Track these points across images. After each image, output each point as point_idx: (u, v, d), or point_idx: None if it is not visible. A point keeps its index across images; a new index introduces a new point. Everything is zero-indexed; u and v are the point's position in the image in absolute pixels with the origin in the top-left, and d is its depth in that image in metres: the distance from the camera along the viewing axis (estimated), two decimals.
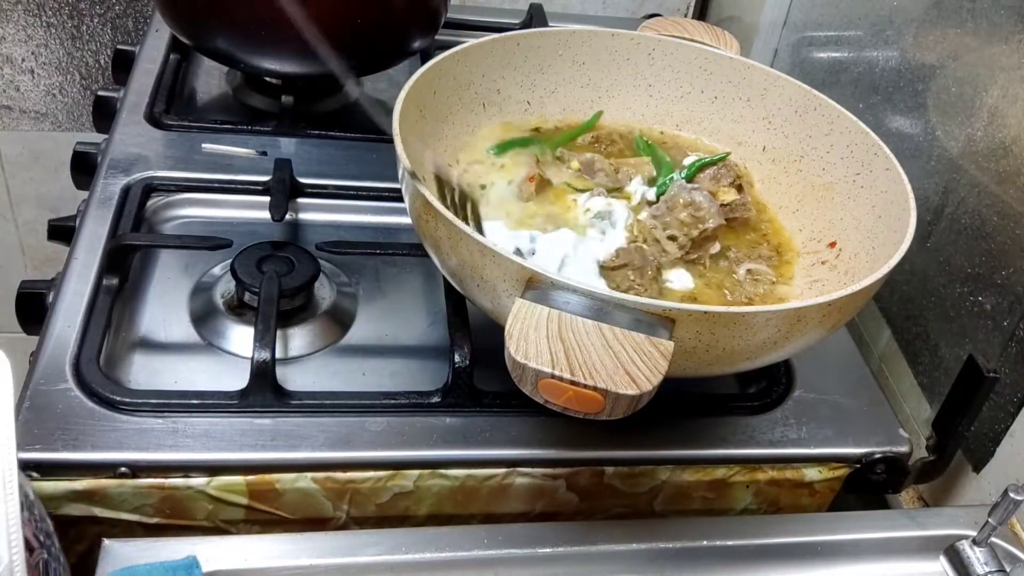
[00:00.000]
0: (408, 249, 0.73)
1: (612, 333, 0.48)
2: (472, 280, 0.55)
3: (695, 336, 0.50)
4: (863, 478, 0.67)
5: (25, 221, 1.35)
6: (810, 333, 0.54)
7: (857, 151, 0.69)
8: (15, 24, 1.20)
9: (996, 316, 0.68)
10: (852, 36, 0.90)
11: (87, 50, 1.24)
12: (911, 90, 0.80)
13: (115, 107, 0.90)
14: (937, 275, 0.75)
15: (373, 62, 0.89)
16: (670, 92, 0.78)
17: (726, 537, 0.59)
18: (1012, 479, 0.64)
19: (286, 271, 0.69)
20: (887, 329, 0.81)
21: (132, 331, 0.68)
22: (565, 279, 0.50)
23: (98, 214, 0.74)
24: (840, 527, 0.61)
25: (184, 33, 0.86)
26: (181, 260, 0.74)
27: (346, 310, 0.72)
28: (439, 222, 0.54)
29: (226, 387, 0.62)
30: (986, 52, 0.71)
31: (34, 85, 1.26)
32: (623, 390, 0.46)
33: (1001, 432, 0.67)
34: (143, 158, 0.81)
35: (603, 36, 0.76)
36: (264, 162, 0.82)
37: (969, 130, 0.72)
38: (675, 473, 0.64)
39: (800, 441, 0.66)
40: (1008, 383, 0.66)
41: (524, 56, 0.75)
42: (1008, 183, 0.68)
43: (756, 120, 0.75)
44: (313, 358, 0.68)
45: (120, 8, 1.22)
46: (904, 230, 0.59)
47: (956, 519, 0.62)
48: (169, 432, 0.59)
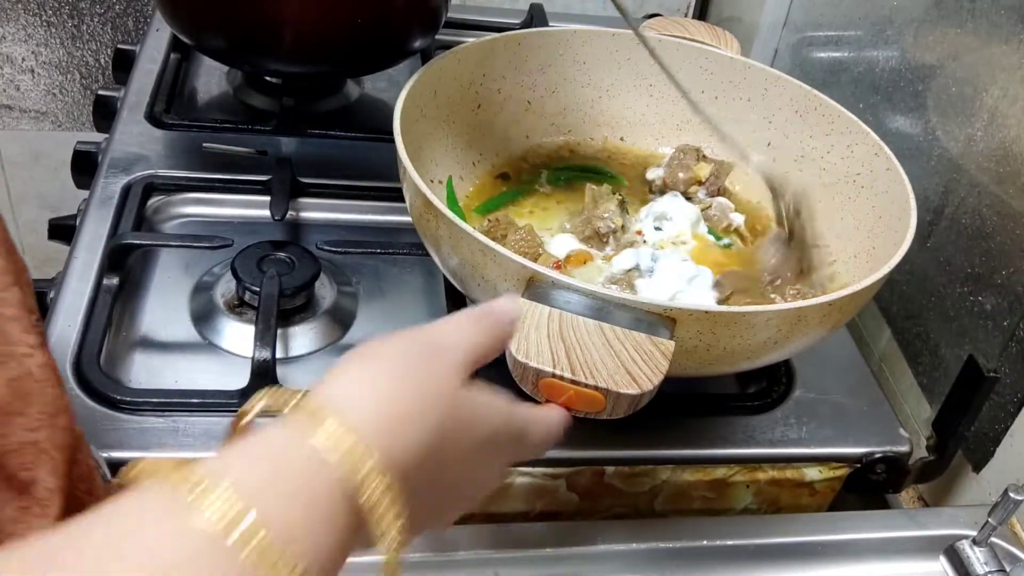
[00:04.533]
0: (409, 248, 0.73)
1: (613, 332, 0.48)
2: (473, 279, 0.55)
3: (696, 336, 0.50)
4: (863, 478, 0.67)
5: (25, 221, 1.35)
6: (811, 333, 0.54)
7: (858, 151, 0.69)
8: (15, 23, 1.20)
9: (996, 316, 0.68)
10: (852, 36, 0.90)
11: (87, 49, 1.24)
12: (911, 90, 0.80)
13: (115, 106, 0.90)
14: (937, 275, 0.75)
15: (373, 62, 0.89)
16: (671, 92, 0.78)
17: (726, 537, 0.59)
18: (1012, 479, 0.64)
19: (287, 270, 0.68)
20: (887, 329, 0.81)
21: (133, 330, 0.68)
22: (566, 278, 0.50)
23: (98, 213, 0.74)
24: (840, 527, 0.61)
25: (185, 32, 0.86)
26: (182, 259, 0.74)
27: (347, 309, 0.72)
28: (440, 221, 0.54)
29: (227, 386, 0.62)
30: (986, 52, 0.71)
31: (34, 84, 1.26)
32: (624, 389, 0.46)
33: (1001, 432, 0.67)
34: (143, 157, 0.81)
35: (604, 36, 0.76)
36: (265, 161, 0.82)
37: (969, 130, 0.72)
38: (675, 473, 0.64)
39: (800, 441, 0.66)
40: (1008, 383, 0.66)
41: (525, 56, 0.75)
42: (1008, 183, 0.68)
43: (756, 120, 0.75)
44: (314, 357, 0.68)
45: (120, 7, 1.22)
46: (904, 230, 0.59)
47: (956, 519, 0.62)
48: (170, 431, 0.59)
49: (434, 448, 0.37)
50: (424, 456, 0.36)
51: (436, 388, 0.38)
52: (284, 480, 0.31)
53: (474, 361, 0.41)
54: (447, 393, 0.38)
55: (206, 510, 0.28)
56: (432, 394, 0.37)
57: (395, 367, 0.37)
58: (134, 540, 0.28)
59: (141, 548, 0.27)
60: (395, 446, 0.34)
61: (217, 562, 0.28)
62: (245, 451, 0.32)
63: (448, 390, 0.38)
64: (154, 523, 0.28)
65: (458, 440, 0.39)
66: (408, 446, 0.35)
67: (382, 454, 0.33)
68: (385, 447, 0.33)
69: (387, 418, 0.34)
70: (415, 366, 0.38)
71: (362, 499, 0.32)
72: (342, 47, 0.85)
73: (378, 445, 0.33)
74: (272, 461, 0.31)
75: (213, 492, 0.29)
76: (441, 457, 0.37)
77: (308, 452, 0.32)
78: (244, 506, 0.28)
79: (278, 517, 0.29)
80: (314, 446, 0.32)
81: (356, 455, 0.32)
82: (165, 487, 0.29)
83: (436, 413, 0.37)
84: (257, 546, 0.28)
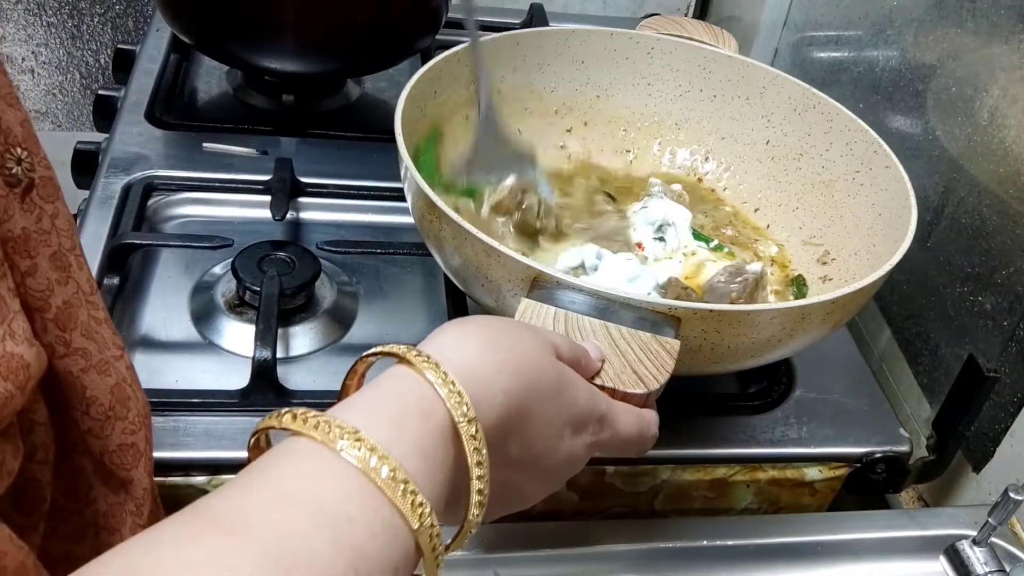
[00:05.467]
0: (409, 248, 0.73)
1: (618, 332, 0.48)
2: (476, 280, 0.55)
3: (700, 334, 0.50)
4: (863, 478, 0.67)
5: None
6: (813, 331, 0.54)
7: (857, 149, 0.69)
8: (15, 24, 1.20)
9: (996, 316, 0.68)
10: (852, 36, 0.90)
11: (87, 50, 1.24)
12: (911, 90, 0.80)
13: (115, 106, 0.90)
14: (937, 275, 0.75)
15: (373, 62, 0.89)
16: (669, 91, 0.78)
17: (726, 537, 0.59)
18: (1012, 479, 0.64)
19: (287, 270, 0.68)
20: (887, 329, 0.81)
21: (133, 330, 0.68)
22: (570, 278, 0.50)
23: (99, 213, 0.74)
24: (840, 527, 0.61)
25: (185, 32, 0.86)
26: (182, 259, 0.74)
27: (347, 309, 0.72)
28: (443, 222, 0.54)
29: (227, 386, 0.62)
30: (986, 52, 0.71)
31: (34, 84, 1.26)
32: (630, 389, 0.46)
33: (1001, 432, 0.67)
34: (144, 157, 0.81)
35: (602, 35, 0.76)
36: (265, 161, 0.82)
37: (969, 130, 0.72)
38: (675, 472, 0.64)
39: (801, 440, 0.66)
40: (1008, 383, 0.66)
41: (524, 55, 0.75)
42: (1008, 183, 0.68)
43: (755, 118, 0.75)
44: (314, 357, 0.68)
45: (120, 7, 1.22)
46: (905, 227, 0.59)
47: (956, 519, 0.62)
48: (170, 431, 0.59)
49: (517, 409, 0.39)
50: (508, 415, 0.39)
51: (520, 353, 0.40)
52: (406, 423, 0.35)
53: (556, 355, 0.43)
54: (531, 360, 0.41)
55: (352, 455, 0.32)
56: (515, 358, 0.40)
57: (484, 332, 0.40)
58: (298, 485, 0.31)
59: (304, 488, 0.31)
60: (480, 400, 0.37)
61: (368, 495, 0.31)
62: (370, 401, 0.36)
63: (532, 359, 0.41)
64: (311, 468, 0.32)
65: (544, 409, 0.41)
66: (492, 404, 0.38)
67: (471, 408, 0.36)
68: (471, 400, 0.36)
69: (472, 374, 0.37)
70: (503, 334, 0.41)
71: (460, 441, 0.36)
72: (342, 47, 0.85)
73: (469, 398, 0.37)
74: (394, 407, 0.35)
75: (355, 439, 0.32)
76: (526, 422, 0.40)
77: (420, 398, 0.36)
78: (384, 449, 0.32)
79: (405, 457, 0.33)
80: (422, 394, 0.36)
81: (451, 402, 0.36)
82: (311, 440, 0.32)
83: (520, 376, 0.39)
84: (399, 482, 0.32)
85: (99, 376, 0.38)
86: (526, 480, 0.43)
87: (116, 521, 0.40)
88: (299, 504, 0.30)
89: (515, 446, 0.40)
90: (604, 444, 0.46)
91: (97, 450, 0.39)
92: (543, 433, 0.42)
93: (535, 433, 0.41)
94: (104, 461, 0.39)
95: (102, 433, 0.38)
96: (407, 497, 0.32)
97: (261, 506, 0.30)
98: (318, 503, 0.31)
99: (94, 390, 0.38)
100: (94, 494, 0.39)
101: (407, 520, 0.32)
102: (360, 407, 0.35)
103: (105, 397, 0.38)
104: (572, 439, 0.44)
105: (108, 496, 0.39)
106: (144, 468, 0.41)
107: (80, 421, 0.38)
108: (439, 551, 0.33)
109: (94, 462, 0.39)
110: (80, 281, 0.38)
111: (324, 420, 0.33)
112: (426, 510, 0.32)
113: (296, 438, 0.33)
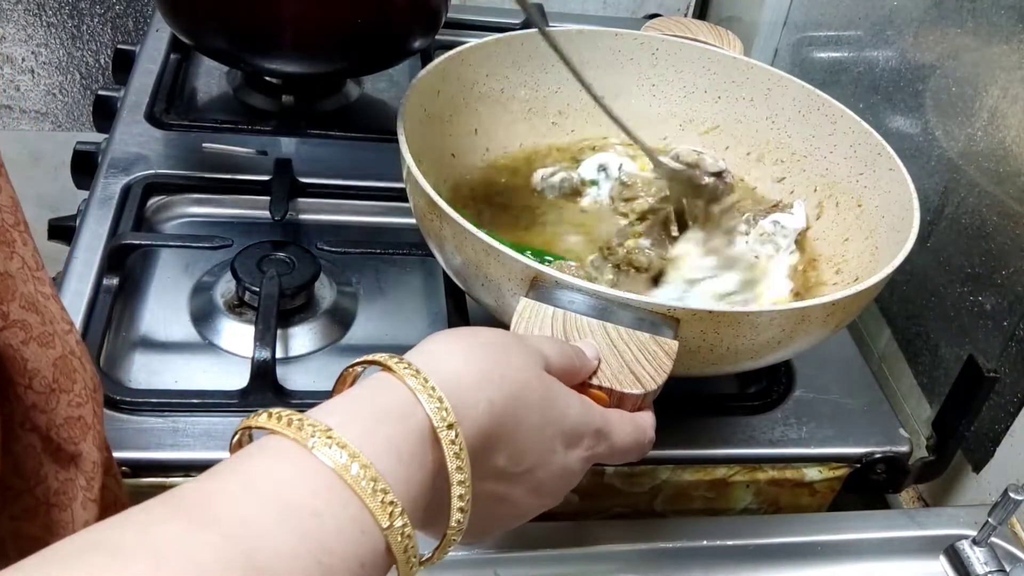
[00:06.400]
0: (409, 249, 0.73)
1: (617, 332, 0.48)
2: (476, 279, 0.55)
3: (699, 335, 0.50)
4: (863, 478, 0.67)
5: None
6: (813, 332, 0.54)
7: (860, 151, 0.69)
8: (15, 24, 1.20)
9: (996, 316, 0.68)
10: (852, 36, 0.90)
11: (87, 50, 1.24)
12: (911, 90, 0.80)
13: (115, 107, 0.89)
14: (937, 275, 0.75)
15: (373, 62, 0.89)
16: (673, 92, 0.78)
17: (726, 537, 0.59)
18: (1012, 479, 0.64)
19: (286, 271, 0.68)
20: (887, 329, 0.81)
21: (132, 330, 0.68)
22: (569, 278, 0.50)
23: (98, 213, 0.74)
24: (840, 527, 0.61)
25: (185, 33, 0.86)
26: (181, 259, 0.74)
27: (346, 309, 0.72)
28: (444, 221, 0.54)
29: (226, 386, 0.62)
30: (986, 52, 0.71)
31: (34, 85, 1.26)
32: (628, 389, 0.46)
33: (1001, 432, 0.67)
34: (143, 157, 0.81)
35: (607, 36, 0.76)
36: (264, 161, 0.82)
37: (969, 130, 0.72)
38: (675, 473, 0.64)
39: (800, 441, 0.66)
40: (1008, 383, 0.66)
41: (528, 56, 0.75)
42: (1008, 183, 0.68)
43: (759, 120, 0.75)
44: (313, 357, 0.68)
45: (120, 8, 1.22)
46: (907, 230, 0.59)
47: (956, 519, 0.62)
48: (169, 431, 0.59)
49: (501, 419, 0.39)
50: (492, 424, 0.39)
51: (505, 365, 0.40)
52: (380, 425, 0.35)
53: (545, 368, 0.43)
54: (516, 372, 0.41)
55: (323, 452, 0.32)
56: (500, 369, 0.40)
57: (470, 343, 0.41)
58: (266, 479, 0.32)
59: (272, 482, 0.32)
60: (462, 408, 0.37)
61: (337, 491, 0.32)
62: (348, 403, 0.36)
63: (517, 371, 0.41)
64: (282, 463, 0.32)
65: (531, 420, 0.41)
66: (475, 413, 0.38)
67: (451, 412, 0.37)
68: (453, 407, 0.37)
69: (455, 383, 0.38)
70: (490, 345, 0.41)
71: (439, 446, 0.36)
72: (342, 47, 0.85)
73: (450, 404, 0.37)
74: (370, 408, 0.36)
75: (327, 436, 0.33)
76: (512, 433, 0.40)
77: (398, 403, 0.36)
78: (355, 448, 0.33)
79: (377, 457, 0.33)
80: (402, 399, 0.36)
81: (431, 407, 0.36)
82: (284, 437, 0.33)
83: (504, 386, 0.40)
84: (368, 479, 0.32)
85: (40, 348, 0.38)
86: (520, 494, 0.43)
87: (67, 498, 0.40)
88: (266, 496, 0.31)
89: (502, 457, 0.40)
90: (601, 457, 0.46)
91: (44, 425, 0.38)
92: (533, 445, 0.41)
93: (524, 445, 0.41)
94: (51, 436, 0.39)
95: (47, 407, 0.38)
96: (377, 495, 0.32)
97: (229, 497, 0.31)
98: (285, 497, 0.31)
99: (35, 362, 0.37)
100: (44, 471, 0.39)
101: (376, 518, 0.32)
102: (337, 408, 0.35)
103: (48, 370, 0.38)
104: (566, 453, 0.44)
105: (59, 472, 0.39)
106: (93, 441, 0.41)
107: (24, 396, 0.37)
108: (412, 553, 0.34)
109: (42, 438, 0.38)
110: (25, 256, 0.38)
111: (298, 419, 0.33)
112: (397, 510, 0.33)
113: (272, 436, 0.33)
